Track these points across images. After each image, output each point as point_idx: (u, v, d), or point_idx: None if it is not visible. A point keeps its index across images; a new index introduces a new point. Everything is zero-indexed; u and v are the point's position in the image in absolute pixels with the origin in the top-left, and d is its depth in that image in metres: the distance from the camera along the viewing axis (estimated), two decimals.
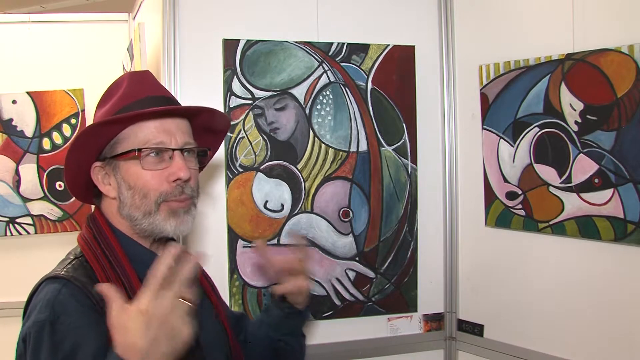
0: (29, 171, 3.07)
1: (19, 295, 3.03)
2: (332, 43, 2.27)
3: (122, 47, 2.97)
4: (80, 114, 3.02)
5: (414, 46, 2.37)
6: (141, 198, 1.35)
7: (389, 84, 2.33)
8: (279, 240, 2.22)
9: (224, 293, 2.19)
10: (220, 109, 2.15)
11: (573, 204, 2.04)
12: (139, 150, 1.34)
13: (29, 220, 3.07)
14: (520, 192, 2.19)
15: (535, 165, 2.14)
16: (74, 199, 3.00)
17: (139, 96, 1.39)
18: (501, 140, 2.23)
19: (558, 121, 2.05)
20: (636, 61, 1.82)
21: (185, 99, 2.13)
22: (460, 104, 2.44)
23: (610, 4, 1.95)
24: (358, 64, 2.29)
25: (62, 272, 1.27)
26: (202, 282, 1.55)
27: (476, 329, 2.39)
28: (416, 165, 2.37)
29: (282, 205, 2.23)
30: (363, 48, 2.30)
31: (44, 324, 1.17)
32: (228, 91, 2.17)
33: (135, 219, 1.36)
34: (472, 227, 2.40)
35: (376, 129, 2.31)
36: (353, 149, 2.29)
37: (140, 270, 1.30)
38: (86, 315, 1.20)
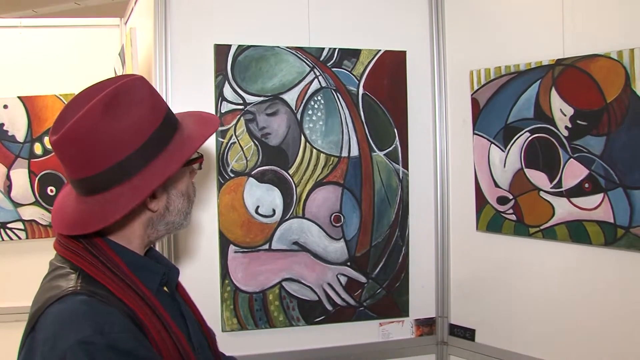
0: (20, 176, 3.06)
1: (9, 300, 3.04)
2: (323, 48, 2.27)
3: (114, 52, 2.97)
4: None
5: (405, 51, 2.38)
6: (188, 202, 1.39)
7: (380, 89, 2.33)
8: (270, 246, 2.22)
9: (215, 298, 2.19)
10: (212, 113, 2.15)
11: (563, 209, 2.04)
12: (201, 156, 1.39)
13: (20, 225, 3.06)
14: (511, 196, 2.20)
15: (526, 170, 2.14)
16: None
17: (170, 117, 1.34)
18: (492, 145, 2.24)
19: (548, 126, 2.06)
20: (625, 67, 1.84)
21: (177, 104, 2.13)
22: (451, 109, 2.44)
23: (599, 11, 1.96)
24: (349, 69, 2.29)
25: (79, 288, 1.16)
26: (179, 288, 1.54)
27: (468, 334, 2.39)
28: (407, 170, 2.37)
29: (274, 211, 2.23)
30: (354, 53, 2.30)
31: (91, 342, 1.06)
32: (219, 96, 2.16)
33: (175, 223, 1.37)
34: (463, 232, 2.40)
35: (367, 134, 2.31)
36: (344, 154, 2.29)
37: (141, 277, 1.29)
38: (129, 325, 1.14)
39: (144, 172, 1.22)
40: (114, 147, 1.20)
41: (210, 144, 2.16)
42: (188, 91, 2.18)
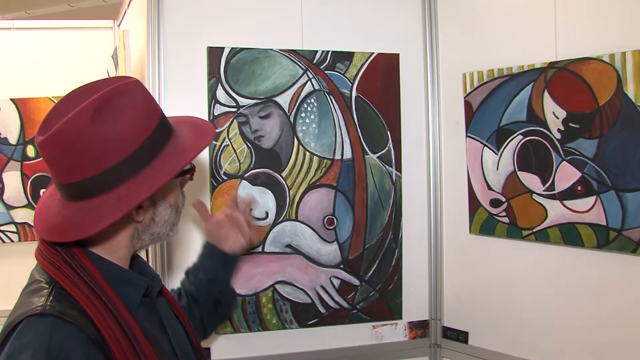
0: (12, 178, 3.05)
1: (2, 303, 3.03)
2: (316, 51, 2.27)
3: (107, 54, 2.96)
4: None
5: (398, 54, 2.38)
6: (176, 213, 1.36)
7: (373, 92, 2.33)
8: (263, 249, 2.22)
9: None
10: (205, 116, 2.15)
11: (556, 211, 2.05)
12: (192, 168, 1.37)
13: (12, 228, 3.05)
14: (504, 199, 2.20)
15: (518, 172, 2.15)
16: None
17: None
18: (485, 147, 2.24)
19: (541, 129, 2.07)
20: (617, 70, 1.84)
21: (170, 107, 2.13)
22: (444, 111, 2.45)
23: (592, 14, 1.96)
24: (342, 72, 2.29)
25: (47, 307, 1.11)
26: (164, 292, 1.51)
27: (461, 336, 2.40)
28: (400, 172, 2.37)
29: (267, 213, 2.22)
30: (347, 56, 2.30)
31: None
32: (212, 99, 2.16)
33: (160, 234, 1.34)
34: (456, 234, 2.41)
35: (360, 136, 2.31)
36: (337, 156, 2.29)
37: (118, 289, 1.23)
38: (91, 356, 1.09)
39: (131, 182, 1.18)
40: (102, 154, 1.16)
41: None
42: (181, 94, 2.17)
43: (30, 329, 1.09)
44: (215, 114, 2.16)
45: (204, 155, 2.16)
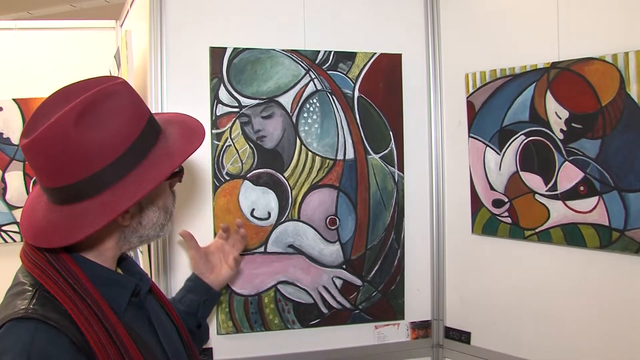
0: (15, 178, 3.05)
1: None
2: (319, 51, 2.27)
3: (110, 55, 2.96)
4: None
5: (400, 54, 2.38)
6: (165, 214, 1.34)
7: (375, 92, 2.33)
8: (265, 249, 2.22)
9: None
10: (207, 117, 2.15)
11: (559, 212, 2.05)
12: (181, 170, 1.34)
13: (14, 227, 3.05)
14: (506, 199, 2.20)
15: (521, 173, 2.15)
16: None
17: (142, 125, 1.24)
18: (487, 148, 2.24)
19: (544, 129, 2.06)
20: (620, 70, 1.84)
21: (172, 107, 2.13)
22: (446, 112, 2.44)
23: (594, 14, 1.96)
24: (345, 72, 2.29)
25: (30, 311, 1.09)
26: (154, 290, 1.50)
27: (463, 337, 2.39)
28: (403, 173, 2.37)
29: (269, 214, 2.22)
30: (350, 56, 2.30)
31: None
32: (215, 99, 2.16)
33: (149, 236, 1.32)
34: (458, 234, 2.40)
35: (363, 137, 2.31)
36: (340, 157, 2.29)
37: (105, 291, 1.21)
38: (71, 357, 1.07)
39: (115, 188, 1.15)
40: (85, 160, 1.13)
41: (206, 146, 2.15)
42: (184, 94, 2.17)
43: (11, 333, 1.07)
44: (218, 114, 2.16)
45: (206, 155, 2.16)
